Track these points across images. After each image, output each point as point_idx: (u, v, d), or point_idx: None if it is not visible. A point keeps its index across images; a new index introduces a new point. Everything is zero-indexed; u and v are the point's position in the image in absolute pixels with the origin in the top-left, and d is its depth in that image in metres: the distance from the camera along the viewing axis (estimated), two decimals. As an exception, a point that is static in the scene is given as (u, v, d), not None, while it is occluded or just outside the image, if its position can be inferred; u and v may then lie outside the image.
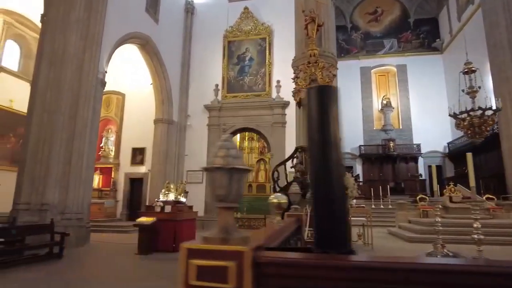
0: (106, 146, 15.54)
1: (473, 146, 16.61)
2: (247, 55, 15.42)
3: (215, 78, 15.44)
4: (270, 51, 15.18)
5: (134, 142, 15.20)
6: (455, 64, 19.33)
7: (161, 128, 14.39)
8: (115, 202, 14.75)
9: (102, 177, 15.12)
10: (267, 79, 14.95)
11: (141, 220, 7.52)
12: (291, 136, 14.21)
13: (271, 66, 15.04)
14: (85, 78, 8.91)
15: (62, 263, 6.31)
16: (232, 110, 14.96)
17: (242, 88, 15.17)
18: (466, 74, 8.67)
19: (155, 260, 6.81)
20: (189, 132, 15.37)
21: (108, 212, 14.11)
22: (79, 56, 8.90)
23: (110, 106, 15.84)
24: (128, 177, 15.09)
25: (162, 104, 14.52)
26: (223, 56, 15.60)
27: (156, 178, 14.09)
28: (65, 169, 8.32)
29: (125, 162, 15.23)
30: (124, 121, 15.64)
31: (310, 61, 6.98)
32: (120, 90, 15.80)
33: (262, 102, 14.67)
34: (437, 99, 20.25)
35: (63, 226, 7.83)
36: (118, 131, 15.59)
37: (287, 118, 14.48)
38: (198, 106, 15.33)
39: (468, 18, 17.10)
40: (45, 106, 8.21)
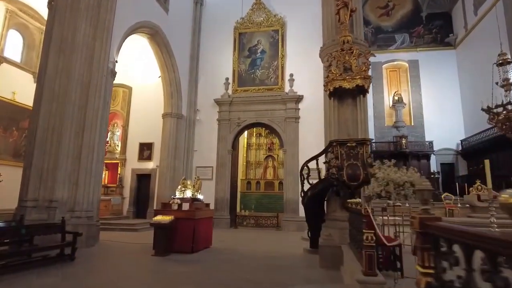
0: (112, 141, 14.99)
1: (490, 144, 16.22)
2: (259, 48, 14.87)
3: (225, 71, 14.90)
4: (283, 44, 14.63)
5: (142, 137, 14.67)
6: (470, 59, 18.83)
7: (169, 123, 13.86)
8: (122, 199, 14.23)
9: (108, 173, 14.59)
10: (279, 73, 14.41)
11: (158, 219, 7.00)
12: (305, 131, 13.73)
13: (284, 59, 14.50)
14: (95, 67, 8.37)
15: (76, 266, 5.80)
16: (243, 105, 14.43)
17: (253, 81, 14.63)
18: (501, 65, 8.15)
19: (175, 262, 6.31)
20: (199, 127, 14.84)
21: (114, 210, 13.60)
22: (89, 44, 8.36)
23: (116, 100, 15.28)
24: (135, 173, 14.57)
25: (171, 98, 13.97)
26: (234, 49, 15.05)
27: (164, 174, 13.60)
28: (74, 163, 7.80)
29: (132, 157, 14.70)
30: (131, 115, 15.09)
31: (343, 48, 6.46)
32: (126, 83, 15.24)
33: (274, 96, 14.14)
34: (450, 96, 19.76)
35: (73, 225, 7.33)
36: (125, 125, 15.05)
37: (301, 112, 13.98)
38: (208, 100, 14.79)
39: (486, 11, 16.55)
40: (54, 96, 7.68)
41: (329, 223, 6.49)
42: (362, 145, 5.85)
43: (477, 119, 17.92)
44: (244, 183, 19.42)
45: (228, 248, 8.36)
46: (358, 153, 5.83)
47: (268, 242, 9.71)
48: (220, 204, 13.73)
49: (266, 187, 19.46)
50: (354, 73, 6.19)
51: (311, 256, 7.07)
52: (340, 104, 6.78)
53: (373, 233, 3.56)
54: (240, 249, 8.13)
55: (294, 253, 7.64)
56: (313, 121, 13.66)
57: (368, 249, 3.55)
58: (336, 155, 5.86)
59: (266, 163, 20.14)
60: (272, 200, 18.88)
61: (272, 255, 7.33)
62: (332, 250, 5.97)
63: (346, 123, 6.66)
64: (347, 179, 5.71)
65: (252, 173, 20.07)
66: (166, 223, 6.86)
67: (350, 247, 5.49)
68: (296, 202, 13.24)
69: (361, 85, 6.16)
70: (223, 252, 7.63)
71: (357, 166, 5.75)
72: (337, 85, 6.17)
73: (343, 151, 5.85)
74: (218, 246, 8.45)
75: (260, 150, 20.40)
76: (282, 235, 11.48)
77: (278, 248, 8.45)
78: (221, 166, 14.22)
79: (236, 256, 7.19)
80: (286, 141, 13.82)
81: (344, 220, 6.22)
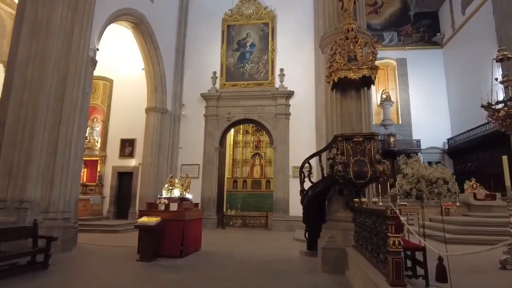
0: (91, 137, 14.08)
1: (476, 143, 16.28)
2: (248, 41, 14.32)
3: (212, 65, 14.27)
4: (273, 38, 14.14)
5: (123, 132, 13.85)
6: (457, 59, 18.91)
7: (153, 118, 13.11)
8: (102, 198, 13.38)
9: (87, 170, 13.70)
10: (269, 67, 13.91)
11: (143, 221, 6.36)
12: (296, 128, 13.30)
13: (274, 53, 14.01)
14: (74, 54, 7.61)
15: (50, 275, 5.10)
16: (232, 100, 13.84)
17: (242, 76, 14.07)
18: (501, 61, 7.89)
19: (163, 268, 5.70)
20: (184, 122, 14.15)
21: (94, 210, 12.74)
22: (67, 28, 7.59)
23: (96, 93, 14.37)
24: (116, 171, 13.74)
25: (155, 92, 13.22)
26: (222, 42, 14.44)
27: (147, 172, 12.86)
28: (49, 159, 7.04)
29: (112, 154, 13.85)
30: (112, 109, 14.23)
31: (348, 36, 6.01)
32: (107, 76, 14.37)
33: (264, 92, 13.63)
34: (437, 95, 19.82)
35: (47, 228, 6.62)
36: (105, 120, 14.17)
37: (292, 109, 13.53)
38: (194, 94, 14.13)
39: (474, 11, 16.59)
40: (26, 84, 6.87)
41: (331, 224, 6.04)
42: (369, 140, 5.42)
43: (463, 118, 18.04)
44: (230, 181, 18.85)
45: (219, 251, 7.79)
46: (365, 148, 5.39)
47: (260, 244, 9.19)
48: (207, 204, 13.11)
49: (253, 186, 18.95)
50: (360, 63, 5.76)
51: (310, 259, 6.61)
52: (343, 97, 6.33)
53: (400, 237, 3.11)
54: (233, 252, 7.57)
55: (291, 255, 7.16)
56: (304, 118, 13.27)
57: (395, 256, 3.10)
58: (342, 151, 5.39)
59: (253, 161, 19.63)
60: (259, 199, 18.40)
61: (268, 259, 6.81)
62: (336, 253, 5.53)
63: (350, 117, 6.22)
64: (354, 176, 5.27)
65: (238, 171, 19.51)
66: (152, 225, 6.23)
67: (358, 250, 5.05)
68: (286, 201, 12.81)
69: (368, 75, 5.73)
70: (214, 256, 7.06)
71: (364, 162, 5.31)
72: (342, 75, 5.72)
73: (349, 146, 5.40)
74: (208, 249, 7.87)
75: (247, 148, 19.87)
76: (273, 236, 11.00)
77: (272, 250, 7.94)
78: (208, 164, 13.60)
79: (230, 260, 6.63)
80: (276, 138, 13.34)
81: (348, 220, 5.78)
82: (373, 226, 4.02)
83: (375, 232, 3.93)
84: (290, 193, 12.82)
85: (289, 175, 12.97)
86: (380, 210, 3.69)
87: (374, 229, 3.97)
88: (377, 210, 3.93)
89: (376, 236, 3.86)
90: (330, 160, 5.69)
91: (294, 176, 12.92)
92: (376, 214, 3.83)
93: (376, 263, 3.90)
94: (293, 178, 12.91)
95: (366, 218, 4.49)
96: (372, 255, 4.14)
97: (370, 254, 4.32)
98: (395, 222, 3.10)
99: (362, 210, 4.69)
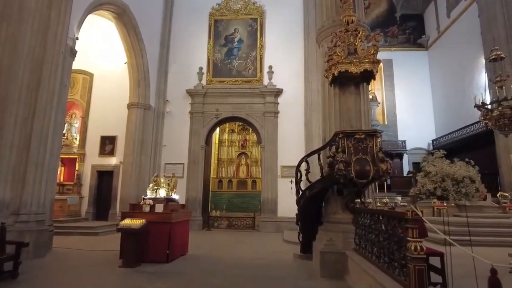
0: (69, 134, 13.31)
1: (462, 144, 16.44)
2: (236, 36, 13.90)
3: (199, 60, 13.77)
4: (261, 34, 13.77)
5: (103, 129, 13.15)
6: (441, 61, 19.12)
7: (135, 114, 12.48)
8: (80, 198, 12.63)
9: (64, 169, 12.91)
10: (258, 64, 13.53)
11: (126, 223, 5.84)
12: (284, 127, 12.98)
13: (262, 49, 13.64)
14: (51, 41, 6.98)
15: (19, 285, 4.52)
16: (219, 97, 13.38)
17: (230, 72, 13.62)
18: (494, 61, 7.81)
19: (149, 275, 5.20)
20: (168, 119, 13.56)
21: (71, 211, 11.99)
22: (43, 12, 6.95)
23: (75, 87, 13.61)
24: (95, 170, 13.02)
25: (137, 86, 12.60)
26: (209, 36, 13.96)
27: (128, 171, 12.23)
28: (20, 155, 6.39)
29: (92, 152, 13.12)
30: (92, 105, 13.48)
31: (348, 29, 5.69)
32: (87, 69, 13.62)
33: (252, 89, 13.24)
34: (422, 96, 20.01)
35: (18, 231, 6.00)
36: (84, 116, 13.42)
37: (280, 107, 13.19)
38: (179, 91, 13.58)
39: (459, 14, 16.77)
40: (-5, 71, 6.22)
41: (329, 226, 5.70)
42: (372, 137, 5.11)
43: (447, 119, 18.23)
44: (216, 181, 18.36)
45: (207, 254, 7.33)
46: (367, 146, 5.07)
47: (249, 246, 8.79)
48: (192, 205, 12.58)
49: (238, 186, 18.52)
50: (362, 56, 5.45)
51: (305, 263, 6.26)
52: (341, 92, 6.02)
53: (422, 242, 2.79)
54: (222, 256, 7.14)
55: (284, 259, 6.79)
56: (294, 116, 12.97)
57: (416, 263, 2.77)
58: (343, 149, 5.06)
59: (239, 161, 19.21)
60: (245, 199, 17.99)
61: (261, 262, 6.42)
62: (335, 257, 5.19)
63: (349, 114, 5.91)
64: (355, 176, 4.94)
65: (224, 171, 19.05)
66: (136, 228, 5.72)
67: (360, 254, 4.73)
68: (274, 202, 12.46)
69: (370, 69, 5.42)
70: (203, 260, 6.60)
71: (367, 161, 5.00)
72: (343, 68, 5.39)
73: (350, 144, 5.07)
74: (195, 252, 7.40)
75: (232, 147, 19.43)
76: (261, 237, 10.62)
77: (263, 254, 7.56)
78: (193, 163, 13.08)
79: (220, 265, 6.19)
80: (264, 137, 12.97)
81: (347, 222, 5.45)
82: (384, 229, 3.70)
83: (386, 235, 3.61)
84: (279, 193, 12.50)
85: (277, 174, 12.63)
86: (395, 213, 3.36)
87: (385, 232, 3.65)
88: (390, 212, 3.60)
89: (388, 240, 3.54)
90: (330, 158, 5.35)
91: (283, 176, 12.62)
92: (389, 216, 3.50)
93: (387, 269, 3.58)
94: (282, 178, 12.60)
95: (373, 220, 4.17)
96: (381, 260, 3.82)
97: (377, 259, 4.00)
98: (417, 226, 2.77)
99: (368, 211, 4.36)
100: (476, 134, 14.77)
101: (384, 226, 3.67)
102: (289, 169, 12.66)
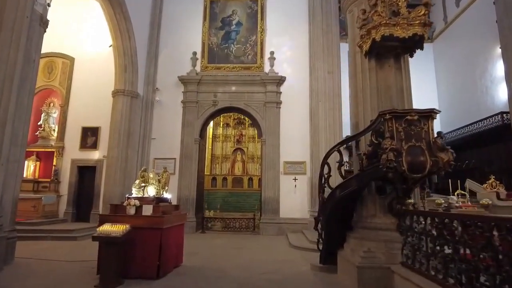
0: (46, 124, 11.84)
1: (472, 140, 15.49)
2: (234, 19, 12.60)
3: (193, 44, 12.42)
4: (262, 16, 12.50)
5: (85, 120, 11.71)
6: (448, 54, 18.17)
7: (121, 102, 11.07)
8: (58, 197, 11.18)
9: (39, 164, 11.43)
10: (258, 49, 12.27)
11: (105, 230, 4.54)
12: (287, 119, 11.75)
13: (263, 33, 12.38)
14: (12, 1, 5.60)
15: None
16: (214, 85, 12.08)
17: (227, 58, 12.33)
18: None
19: (132, 300, 3.94)
20: (158, 110, 12.19)
21: (47, 211, 10.53)
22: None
23: (54, 73, 12.15)
24: (75, 165, 11.58)
25: (124, 72, 11.19)
26: (204, 18, 12.63)
27: (113, 167, 10.82)
28: (-29, 144, 5.03)
29: (72, 145, 11.67)
30: (72, 92, 12.02)
31: (389, -14, 4.52)
32: (67, 53, 12.18)
33: (252, 77, 11.98)
34: (426, 90, 18.96)
35: (-35, 239, 4.63)
36: (64, 105, 11.95)
37: (283, 97, 11.96)
38: (171, 77, 12.21)
39: (470, 2, 15.80)
40: None
41: (365, 233, 4.51)
42: (427, 119, 3.94)
43: (453, 114, 17.27)
44: (209, 179, 17.10)
45: (205, 265, 6.08)
46: (421, 130, 3.90)
47: (253, 253, 7.56)
48: (185, 204, 11.23)
49: (234, 183, 17.32)
50: (410, 17, 4.29)
51: (329, 279, 5.06)
52: (378, 66, 4.84)
53: None
54: (223, 268, 5.89)
55: (301, 272, 5.59)
56: (297, 107, 11.77)
57: None
58: (391, 134, 3.88)
59: (234, 157, 17.97)
60: (240, 198, 16.79)
61: (273, 278, 5.19)
62: (378, 274, 4.03)
63: (389, 92, 4.74)
64: (407, 169, 3.77)
65: (218, 168, 17.79)
66: (118, 236, 4.43)
67: (414, 270, 3.56)
68: (276, 201, 11.24)
69: (420, 34, 4.30)
70: (201, 274, 5.35)
71: (421, 149, 3.83)
72: (387, 32, 4.23)
73: (400, 127, 3.89)
74: (191, 262, 6.16)
75: (227, 142, 18.20)
76: (264, 242, 9.40)
77: (272, 263, 6.35)
78: (186, 158, 11.75)
79: (224, 281, 4.95)
80: (265, 130, 11.72)
81: (390, 229, 4.29)
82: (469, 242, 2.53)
83: (479, 250, 2.44)
84: (281, 192, 11.30)
85: (280, 171, 11.41)
86: None
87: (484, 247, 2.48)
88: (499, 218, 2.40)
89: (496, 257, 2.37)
90: (372, 146, 4.15)
91: (285, 172, 11.43)
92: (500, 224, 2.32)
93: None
94: (285, 175, 11.40)
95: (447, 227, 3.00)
96: (470, 285, 2.65)
97: (457, 282, 2.83)
98: None
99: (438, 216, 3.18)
100: (490, 129, 13.84)
101: (470, 237, 2.49)
102: (293, 165, 11.51)
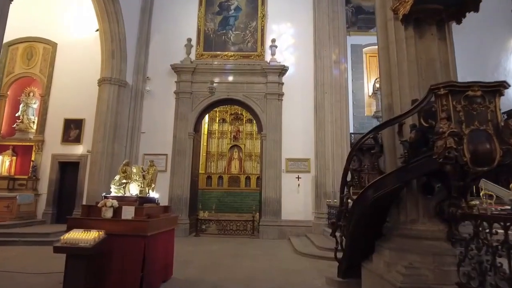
0: (25, 116, 10.78)
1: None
2: (233, 3, 11.61)
3: (187, 30, 11.40)
4: (263, 1, 11.54)
5: (68, 111, 10.65)
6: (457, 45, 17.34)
7: (108, 92, 10.01)
8: (36, 196, 10.10)
9: (15, 159, 10.35)
10: (259, 36, 11.30)
11: (71, 238, 3.51)
12: (289, 112, 10.82)
13: (264, 20, 11.41)
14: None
15: None
16: (211, 74, 11.05)
17: (224, 45, 11.34)
18: None
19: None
20: (149, 101, 11.14)
21: (22, 212, 9.46)
22: None
23: (34, 59, 11.08)
24: (56, 161, 10.50)
25: (111, 58, 10.13)
26: (200, 3, 11.63)
27: (98, 163, 9.76)
28: None
29: (53, 139, 10.59)
30: (54, 81, 10.94)
31: None
32: (49, 38, 11.11)
33: (252, 66, 11.00)
34: (432, 86, 18.24)
35: None
36: (45, 95, 10.86)
37: (285, 88, 11.00)
38: (163, 66, 11.17)
39: (481, -9, 14.99)
40: None
41: (403, 243, 3.54)
42: (493, 94, 3.00)
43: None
44: (204, 177, 16.08)
45: (199, 278, 5.08)
46: (487, 110, 2.96)
47: (254, 262, 6.56)
48: (177, 205, 10.21)
49: (230, 183, 16.33)
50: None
51: (353, 297, 4.11)
52: (418, 35, 3.88)
53: None
54: (223, 280, 4.91)
55: (314, 286, 4.63)
56: (301, 99, 10.85)
57: None
58: (448, 114, 2.93)
59: (231, 155, 16.96)
60: (237, 198, 15.82)
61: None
62: (424, 298, 3.07)
63: (432, 66, 3.79)
64: (470, 160, 2.82)
65: (213, 166, 16.76)
66: (87, 246, 3.41)
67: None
68: (277, 202, 10.27)
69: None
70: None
71: (487, 134, 2.89)
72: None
73: (459, 106, 2.94)
74: (185, 274, 5.17)
75: (223, 138, 17.17)
76: (265, 247, 8.42)
77: (279, 275, 5.37)
78: (179, 154, 10.72)
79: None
80: (266, 124, 10.74)
81: (438, 238, 3.34)
82: None
83: None
84: (283, 192, 10.34)
85: (281, 169, 10.45)
86: None
87: None
88: None
89: None
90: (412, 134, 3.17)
91: (288, 170, 10.47)
92: None
93: None
94: (287, 173, 10.44)
95: None
96: None
97: None
98: None
99: None
100: (503, 125, 13.09)
101: None
102: (296, 163, 10.56)
